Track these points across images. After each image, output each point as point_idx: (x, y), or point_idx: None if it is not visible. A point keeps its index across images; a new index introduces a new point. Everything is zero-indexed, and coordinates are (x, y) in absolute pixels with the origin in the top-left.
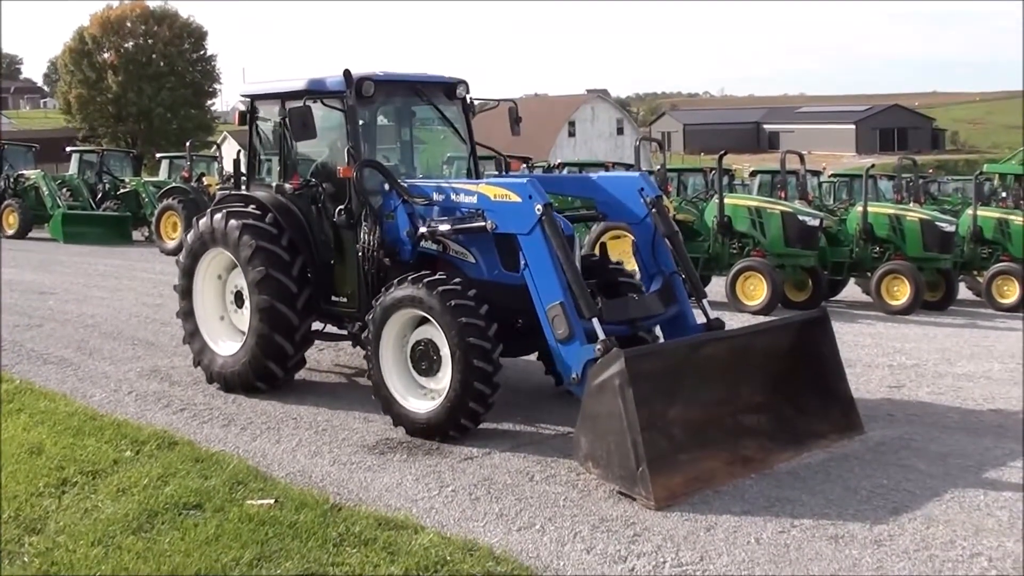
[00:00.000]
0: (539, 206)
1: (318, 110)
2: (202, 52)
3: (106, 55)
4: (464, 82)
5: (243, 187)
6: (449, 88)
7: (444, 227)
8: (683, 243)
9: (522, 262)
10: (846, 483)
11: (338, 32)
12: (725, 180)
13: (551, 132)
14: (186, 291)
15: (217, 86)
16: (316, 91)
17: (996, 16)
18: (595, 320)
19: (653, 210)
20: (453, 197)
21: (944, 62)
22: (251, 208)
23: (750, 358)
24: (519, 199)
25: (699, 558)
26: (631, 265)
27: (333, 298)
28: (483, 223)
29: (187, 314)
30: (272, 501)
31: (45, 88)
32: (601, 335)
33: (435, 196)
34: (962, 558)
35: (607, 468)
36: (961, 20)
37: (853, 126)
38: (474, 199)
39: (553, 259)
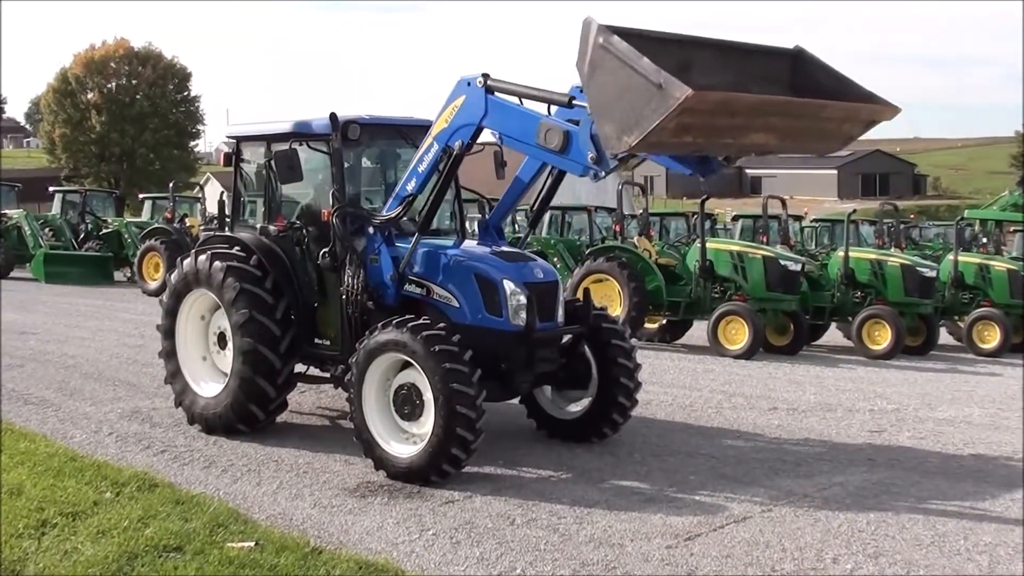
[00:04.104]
0: (479, 80)
1: (303, 152)
2: (186, 93)
3: (90, 95)
4: None
5: (227, 228)
6: None
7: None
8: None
9: (495, 137)
10: (827, 527)
11: (322, 75)
12: (707, 224)
13: None
14: (169, 331)
15: (200, 127)
16: (302, 133)
17: (979, 63)
18: (574, 101)
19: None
20: (420, 168)
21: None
22: (235, 250)
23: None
24: (464, 96)
25: None
26: (615, 310)
27: (316, 340)
28: (453, 152)
29: (169, 354)
30: (253, 544)
31: (28, 127)
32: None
33: (409, 187)
34: None
35: (639, 120)
36: (944, 66)
37: (835, 171)
38: (436, 147)
39: (513, 103)
